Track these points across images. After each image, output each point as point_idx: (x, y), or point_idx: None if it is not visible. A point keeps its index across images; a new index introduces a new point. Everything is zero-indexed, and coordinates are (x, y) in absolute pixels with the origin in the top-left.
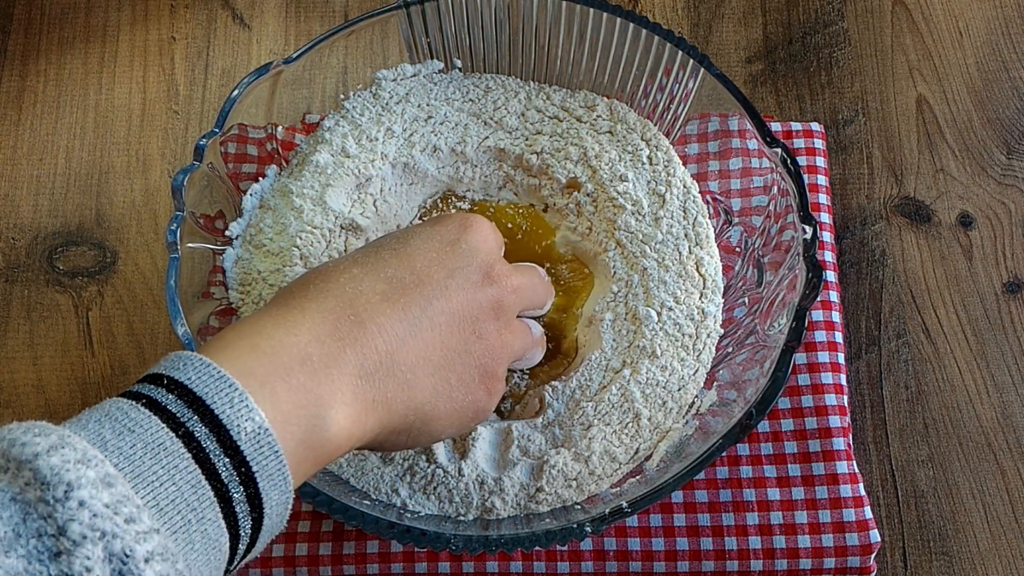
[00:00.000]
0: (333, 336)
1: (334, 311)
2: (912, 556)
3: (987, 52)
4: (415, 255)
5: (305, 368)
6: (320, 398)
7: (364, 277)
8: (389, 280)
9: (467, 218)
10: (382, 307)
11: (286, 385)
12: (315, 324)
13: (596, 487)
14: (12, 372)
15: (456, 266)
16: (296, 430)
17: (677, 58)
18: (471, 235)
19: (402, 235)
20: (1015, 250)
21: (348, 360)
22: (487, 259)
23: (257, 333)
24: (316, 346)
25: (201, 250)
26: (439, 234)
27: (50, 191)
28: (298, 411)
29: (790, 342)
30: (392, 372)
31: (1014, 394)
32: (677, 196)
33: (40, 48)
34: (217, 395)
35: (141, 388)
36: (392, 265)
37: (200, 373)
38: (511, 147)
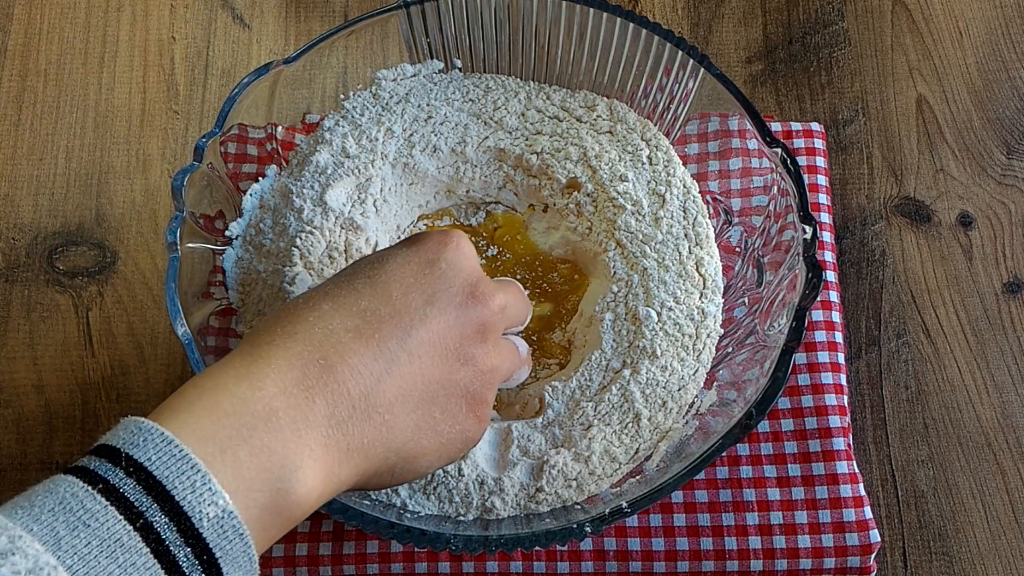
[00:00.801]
0: (300, 385)
1: (301, 356)
2: (912, 556)
3: (987, 52)
4: (391, 282)
5: (270, 426)
6: (286, 458)
7: (335, 313)
8: (363, 313)
9: (445, 235)
10: (354, 346)
11: (248, 448)
12: (281, 373)
13: (596, 487)
14: (12, 372)
15: (436, 289)
16: (260, 496)
17: (677, 58)
18: (450, 253)
19: (377, 259)
20: (1015, 250)
21: (317, 410)
22: (470, 277)
23: (219, 389)
24: (282, 399)
25: (201, 250)
26: (416, 255)
27: (50, 191)
28: (262, 475)
29: (790, 342)
30: (368, 415)
31: (1014, 394)
32: (677, 196)
33: (40, 48)
34: (178, 479)
35: (98, 467)
36: (366, 296)
37: (160, 452)
38: (511, 147)
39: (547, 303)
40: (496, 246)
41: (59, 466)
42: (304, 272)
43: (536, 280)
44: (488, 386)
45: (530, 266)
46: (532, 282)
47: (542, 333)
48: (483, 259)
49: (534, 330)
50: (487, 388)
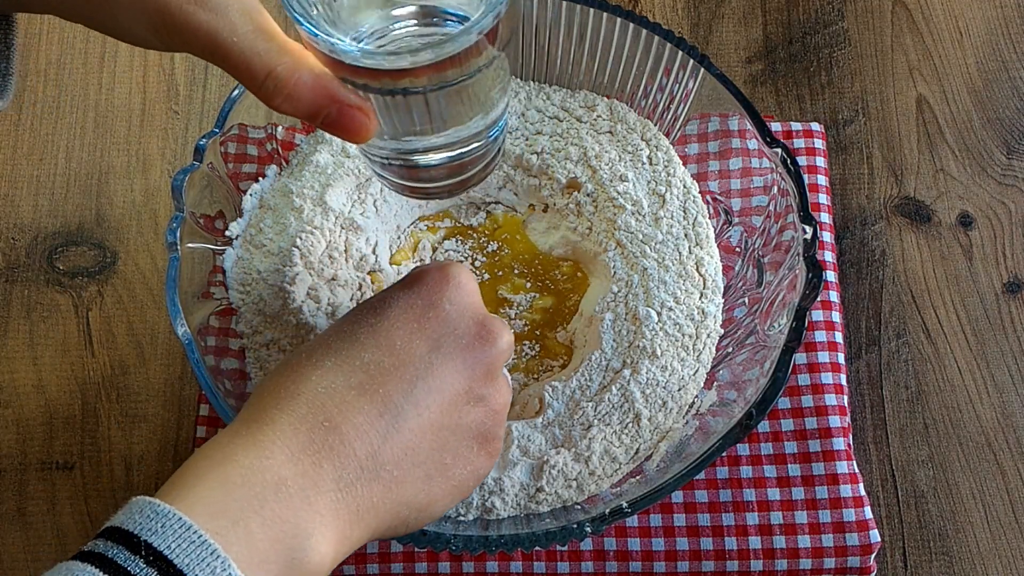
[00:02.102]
0: (307, 450)
1: (306, 419)
2: (912, 556)
3: (987, 52)
4: (393, 330)
5: (280, 496)
6: (298, 527)
7: (338, 369)
8: (366, 367)
9: (445, 273)
10: (358, 403)
11: (260, 519)
12: (287, 440)
13: (596, 487)
14: (12, 372)
15: (441, 334)
16: (274, 567)
17: (677, 58)
18: (452, 292)
19: (379, 305)
20: (1015, 250)
21: (326, 476)
22: (475, 317)
23: (228, 460)
24: (290, 467)
25: (201, 250)
26: (418, 298)
27: (50, 191)
28: (275, 546)
29: (790, 342)
30: (376, 474)
31: (1014, 394)
32: (677, 196)
33: (40, 48)
34: (199, 566)
35: (116, 555)
36: (369, 347)
37: (180, 539)
38: (511, 147)
39: (549, 296)
40: (496, 241)
41: (59, 466)
42: (304, 272)
43: (538, 275)
44: (499, 423)
45: (529, 263)
46: (534, 277)
47: (544, 331)
48: (483, 256)
49: (536, 326)
50: (498, 425)
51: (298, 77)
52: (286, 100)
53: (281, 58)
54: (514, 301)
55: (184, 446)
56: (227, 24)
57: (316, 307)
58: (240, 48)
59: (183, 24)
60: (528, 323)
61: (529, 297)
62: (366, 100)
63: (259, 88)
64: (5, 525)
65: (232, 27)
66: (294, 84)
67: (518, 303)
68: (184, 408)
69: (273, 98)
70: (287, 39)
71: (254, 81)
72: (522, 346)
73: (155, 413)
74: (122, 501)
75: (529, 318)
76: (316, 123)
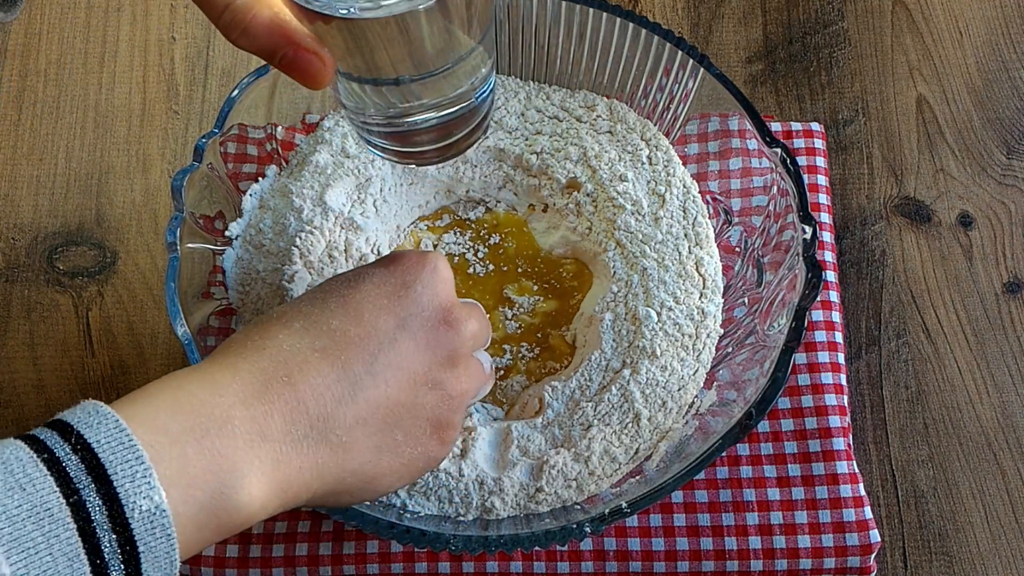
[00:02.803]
0: (261, 399)
1: (266, 371)
2: (912, 556)
3: (987, 52)
4: (363, 302)
5: (223, 432)
6: (235, 465)
7: (305, 332)
8: (331, 333)
9: (424, 258)
10: (319, 366)
11: (198, 447)
12: (244, 385)
13: (596, 487)
14: (12, 372)
15: (408, 313)
16: (200, 495)
17: (677, 58)
18: (427, 275)
19: (353, 278)
20: (1015, 250)
21: (274, 426)
22: (444, 302)
23: (182, 389)
24: (241, 409)
25: (201, 250)
26: (392, 276)
27: (50, 191)
28: (206, 476)
29: (790, 342)
30: (325, 436)
31: (1014, 394)
32: (677, 196)
33: (40, 48)
34: (120, 465)
35: (47, 438)
36: (337, 315)
37: (110, 437)
38: (511, 147)
39: (553, 300)
40: (497, 234)
41: None
42: (304, 271)
43: (543, 275)
44: (456, 410)
45: (531, 260)
46: (539, 277)
47: (547, 330)
48: (485, 247)
49: (537, 329)
50: (455, 412)
51: (255, 13)
52: (242, 35)
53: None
54: (516, 302)
55: None
56: None
57: None
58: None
59: None
60: (524, 326)
61: (532, 300)
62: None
63: (218, 19)
64: None
65: None
66: (250, 19)
67: (520, 304)
68: None
69: (230, 31)
70: None
71: (213, 11)
72: (519, 347)
73: None
74: None
75: (527, 322)
76: (274, 63)
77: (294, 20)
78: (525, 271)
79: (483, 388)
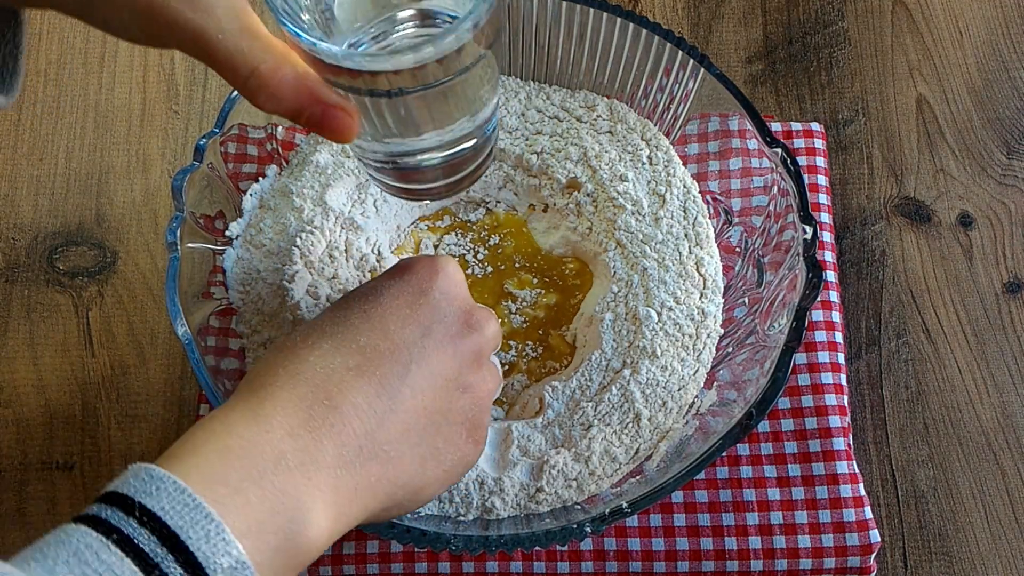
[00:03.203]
0: (307, 426)
1: (306, 397)
2: (912, 556)
3: (987, 52)
4: (387, 316)
5: (280, 468)
6: (297, 500)
7: (335, 351)
8: (362, 350)
9: (435, 263)
10: (357, 383)
11: (259, 490)
12: (287, 415)
13: (596, 487)
14: (12, 372)
15: (432, 320)
16: (272, 539)
17: (677, 58)
18: (441, 281)
19: (371, 292)
20: (1015, 250)
21: (326, 451)
22: (463, 305)
23: (228, 432)
24: (290, 441)
25: (201, 250)
26: (408, 285)
27: (50, 191)
28: (273, 518)
29: (790, 342)
30: (374, 454)
31: (1014, 394)
32: (677, 196)
33: (40, 48)
34: (192, 528)
35: (111, 516)
36: (364, 332)
37: (174, 501)
38: (511, 147)
39: (554, 293)
40: (496, 235)
41: (59, 466)
42: (304, 271)
43: (543, 270)
44: (485, 410)
45: (532, 257)
46: (540, 272)
47: (548, 329)
48: (485, 249)
49: (539, 324)
50: (484, 412)
51: (281, 75)
52: (269, 98)
53: (264, 56)
54: (518, 296)
55: None
56: (213, 22)
57: (314, 304)
58: (225, 46)
59: (170, 21)
60: (528, 320)
61: (534, 293)
62: (347, 100)
63: (243, 86)
64: (5, 525)
65: (218, 25)
66: (277, 82)
67: (522, 299)
68: (184, 408)
69: (256, 96)
70: (273, 39)
71: (238, 78)
72: (524, 346)
73: (155, 413)
74: None
75: (531, 315)
76: (300, 122)
77: (317, 77)
78: (523, 266)
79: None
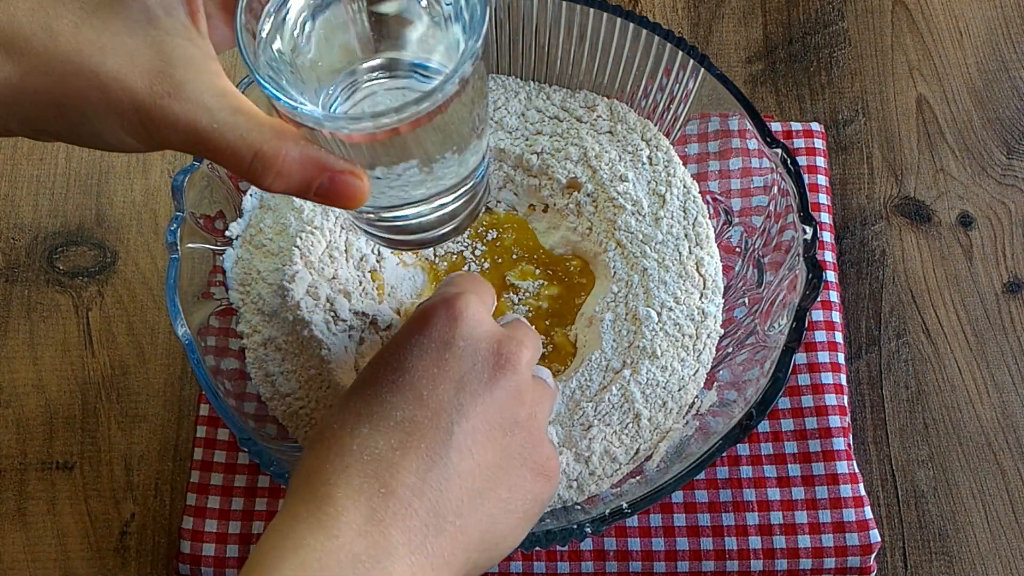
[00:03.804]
0: (372, 520)
1: (362, 489)
2: (912, 556)
3: (987, 52)
4: (417, 382)
5: (359, 571)
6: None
7: (376, 434)
8: (401, 426)
9: (453, 309)
10: (405, 463)
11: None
12: (350, 515)
13: (596, 487)
14: (12, 372)
15: (462, 373)
16: None
17: (677, 58)
18: (463, 327)
19: (395, 359)
20: (1015, 250)
21: (396, 542)
22: (490, 346)
23: (299, 546)
24: (360, 541)
25: (201, 250)
26: (431, 340)
27: (50, 191)
28: None
29: (790, 342)
30: (441, 529)
31: (1014, 394)
32: (677, 196)
33: None
34: None
35: None
36: (399, 406)
37: None
38: (511, 147)
39: (556, 285)
40: (494, 230)
41: (59, 466)
42: (304, 271)
43: (545, 263)
44: (540, 441)
45: (533, 250)
46: (543, 265)
47: (553, 326)
48: (482, 244)
49: (544, 316)
50: (541, 443)
51: (285, 153)
52: (276, 178)
53: (263, 135)
54: (521, 287)
55: (184, 446)
56: (204, 111)
57: (314, 303)
58: (222, 133)
59: (161, 119)
60: (532, 310)
61: (536, 284)
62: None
63: (248, 171)
64: (5, 525)
65: (209, 113)
66: (282, 161)
67: (525, 289)
68: (184, 408)
69: (263, 178)
70: (261, 113)
71: (242, 165)
72: None
73: (155, 413)
74: (122, 501)
75: (535, 305)
76: (310, 196)
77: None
78: (523, 256)
79: (553, 404)
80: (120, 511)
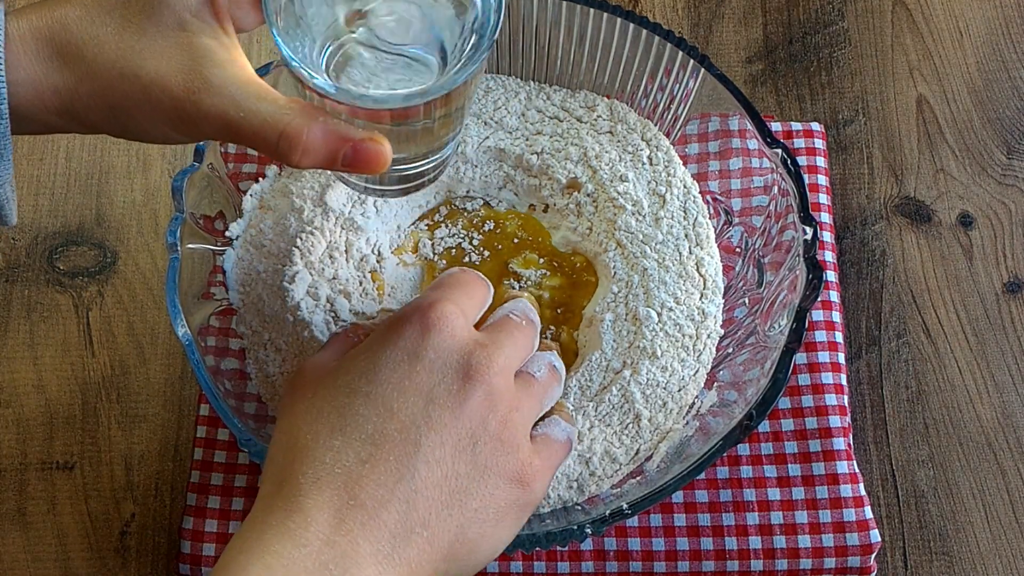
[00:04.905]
0: (340, 530)
1: (331, 501)
2: (912, 556)
3: (987, 52)
4: (387, 393)
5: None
6: None
7: (347, 447)
8: (371, 438)
9: (426, 318)
10: (374, 475)
11: None
12: (319, 524)
13: (596, 488)
14: (12, 372)
15: (431, 384)
16: None
17: (677, 58)
18: (434, 338)
19: (367, 367)
20: (1015, 250)
21: (363, 552)
22: (461, 358)
23: (265, 551)
24: (328, 550)
25: (201, 251)
26: (401, 351)
27: (50, 191)
28: None
29: (790, 343)
30: (408, 539)
31: (1014, 394)
32: (677, 196)
33: None
34: None
35: None
36: (370, 419)
37: None
38: (511, 147)
39: (559, 276)
40: (491, 221)
41: (59, 466)
42: (304, 272)
43: (552, 255)
44: (515, 448)
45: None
46: (547, 255)
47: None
48: (480, 234)
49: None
50: (514, 450)
51: (308, 130)
52: (304, 155)
53: (285, 118)
54: (523, 275)
55: (184, 446)
56: (231, 103)
57: (314, 304)
58: (248, 121)
59: (195, 113)
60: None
61: (539, 273)
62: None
63: (275, 151)
64: (5, 525)
65: (236, 103)
66: (306, 137)
67: (527, 277)
68: (184, 408)
69: (291, 156)
70: (279, 95)
71: (269, 146)
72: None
73: (155, 413)
74: (122, 501)
75: (536, 295)
76: (335, 167)
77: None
78: (524, 239)
79: (552, 393)
80: (120, 511)
